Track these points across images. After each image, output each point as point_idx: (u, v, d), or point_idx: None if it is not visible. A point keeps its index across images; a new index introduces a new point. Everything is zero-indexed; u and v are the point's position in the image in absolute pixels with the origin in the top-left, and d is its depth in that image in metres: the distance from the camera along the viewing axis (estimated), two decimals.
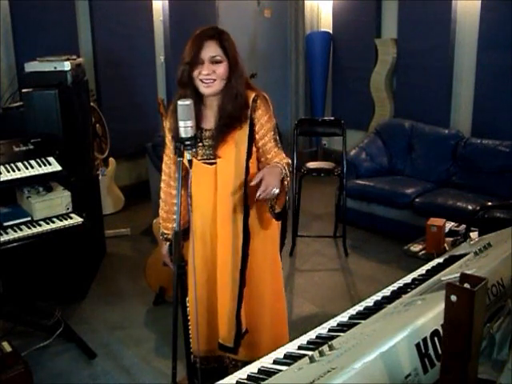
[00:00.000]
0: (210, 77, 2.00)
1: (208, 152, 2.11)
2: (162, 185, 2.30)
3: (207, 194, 2.14)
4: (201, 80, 2.02)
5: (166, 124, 2.21)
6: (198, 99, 2.08)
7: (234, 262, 2.16)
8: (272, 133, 2.15)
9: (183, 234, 2.13)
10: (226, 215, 2.12)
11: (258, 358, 1.37)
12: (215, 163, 2.11)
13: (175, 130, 1.98)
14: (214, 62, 2.00)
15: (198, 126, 2.08)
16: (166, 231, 2.31)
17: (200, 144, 2.10)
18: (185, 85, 2.06)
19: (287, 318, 2.44)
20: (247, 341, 2.28)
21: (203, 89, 2.03)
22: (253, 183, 1.95)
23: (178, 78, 2.08)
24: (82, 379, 2.72)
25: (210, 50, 2.00)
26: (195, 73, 2.02)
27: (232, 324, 2.21)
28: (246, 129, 2.09)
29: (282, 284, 2.37)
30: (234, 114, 2.05)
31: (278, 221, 2.22)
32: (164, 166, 2.28)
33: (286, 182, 2.02)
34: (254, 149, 2.15)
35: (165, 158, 2.27)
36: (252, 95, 2.10)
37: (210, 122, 2.12)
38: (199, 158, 2.12)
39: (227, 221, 2.13)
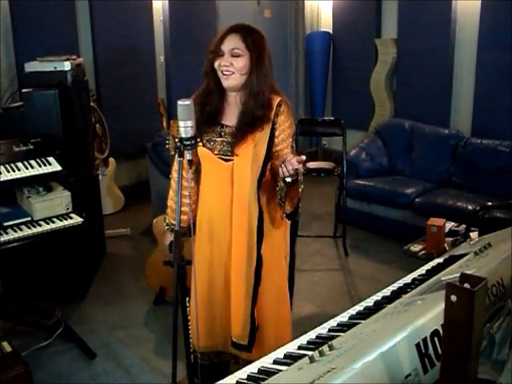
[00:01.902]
0: (228, 68, 2.01)
1: (225, 148, 2.10)
2: (175, 174, 2.24)
3: (222, 191, 2.13)
4: (221, 72, 2.04)
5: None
6: (221, 95, 2.10)
7: (248, 262, 2.15)
8: (290, 139, 2.16)
9: (187, 230, 2.12)
10: (243, 214, 2.11)
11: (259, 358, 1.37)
12: (231, 160, 2.09)
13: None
14: (234, 55, 2.01)
15: (219, 122, 2.10)
16: (172, 221, 2.25)
17: (219, 139, 2.10)
18: (208, 75, 2.08)
19: (291, 319, 2.43)
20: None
21: (224, 81, 2.06)
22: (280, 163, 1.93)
23: (204, 69, 2.10)
24: (82, 379, 2.72)
25: (231, 42, 2.02)
26: (216, 64, 2.04)
27: (246, 322, 2.20)
28: (267, 131, 2.08)
29: (286, 289, 2.36)
30: (256, 113, 2.05)
31: (288, 220, 2.20)
32: (176, 162, 2.26)
33: (300, 190, 2.05)
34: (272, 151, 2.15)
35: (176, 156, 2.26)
36: (277, 99, 2.10)
37: (231, 118, 2.12)
38: (216, 152, 2.11)
39: (243, 220, 2.12)
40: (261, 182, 2.13)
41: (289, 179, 1.92)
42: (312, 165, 4.32)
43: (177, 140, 1.85)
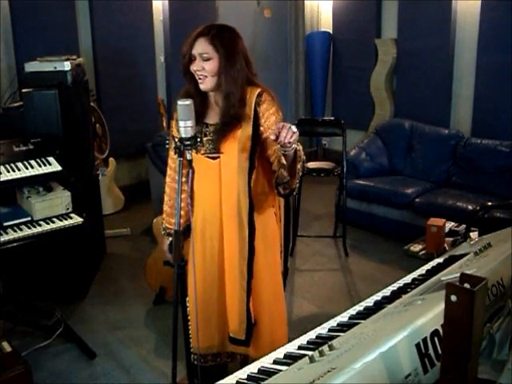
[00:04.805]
0: (201, 73, 2.05)
1: (211, 146, 2.12)
2: (168, 179, 2.31)
3: (211, 189, 2.15)
4: (197, 75, 2.06)
5: (174, 116, 2.21)
6: (202, 95, 2.12)
7: (241, 255, 2.16)
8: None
9: (185, 232, 2.14)
10: (232, 209, 2.13)
11: (257, 357, 1.37)
12: (218, 157, 2.11)
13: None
14: (204, 59, 2.04)
15: (202, 121, 2.11)
16: (168, 226, 2.31)
17: (204, 138, 2.12)
18: (187, 78, 2.12)
19: (287, 318, 2.43)
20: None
21: (199, 85, 2.08)
22: (272, 137, 1.82)
23: (182, 71, 2.13)
24: (82, 379, 2.72)
25: (200, 47, 2.04)
26: (191, 68, 2.07)
27: (243, 316, 2.21)
28: (247, 127, 2.09)
29: (281, 284, 2.37)
30: (230, 113, 2.07)
31: (284, 197, 2.19)
32: (170, 161, 2.29)
33: (298, 154, 1.96)
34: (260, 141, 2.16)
35: (171, 153, 2.28)
36: (257, 91, 2.11)
37: (214, 117, 2.14)
38: (202, 152, 2.12)
39: (233, 215, 2.13)
40: (251, 175, 2.13)
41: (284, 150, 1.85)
42: (312, 165, 4.32)
43: (177, 140, 1.85)
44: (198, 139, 2.09)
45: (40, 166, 2.90)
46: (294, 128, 1.81)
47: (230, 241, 2.17)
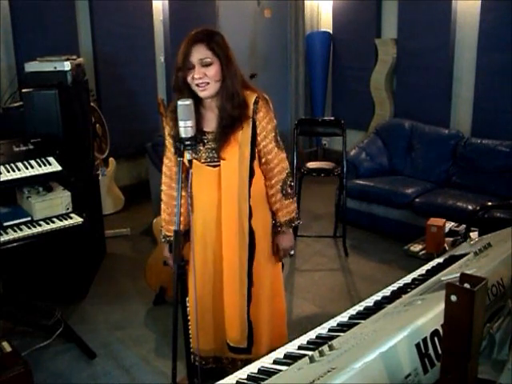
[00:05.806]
0: (203, 80, 2.02)
1: (211, 155, 2.11)
2: (164, 187, 2.29)
3: (211, 196, 2.14)
4: (196, 85, 2.03)
5: (166, 127, 2.21)
6: (197, 102, 2.08)
7: (240, 263, 2.16)
8: (273, 134, 2.17)
9: (185, 235, 2.14)
10: (232, 216, 2.13)
11: (257, 357, 1.37)
12: (218, 165, 2.11)
13: (175, 130, 1.99)
14: (204, 64, 2.01)
15: (200, 130, 2.09)
16: (168, 234, 2.28)
17: (203, 147, 2.11)
18: (180, 89, 2.08)
19: (287, 318, 2.44)
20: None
21: (200, 93, 2.05)
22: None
23: (173, 85, 2.10)
24: (82, 379, 2.72)
25: (198, 53, 2.01)
26: (189, 78, 2.04)
27: (244, 325, 2.21)
28: (247, 130, 2.09)
29: (281, 285, 2.37)
30: (233, 114, 2.06)
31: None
32: (164, 169, 2.28)
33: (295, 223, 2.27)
34: (256, 149, 2.16)
35: (165, 161, 2.27)
36: (253, 97, 2.10)
37: (211, 124, 2.13)
38: (203, 160, 2.12)
39: (233, 222, 2.13)
40: (251, 182, 2.14)
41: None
42: (312, 165, 4.32)
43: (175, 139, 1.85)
44: (200, 147, 2.10)
45: (40, 165, 2.90)
46: (291, 252, 2.33)
47: (230, 247, 2.16)
